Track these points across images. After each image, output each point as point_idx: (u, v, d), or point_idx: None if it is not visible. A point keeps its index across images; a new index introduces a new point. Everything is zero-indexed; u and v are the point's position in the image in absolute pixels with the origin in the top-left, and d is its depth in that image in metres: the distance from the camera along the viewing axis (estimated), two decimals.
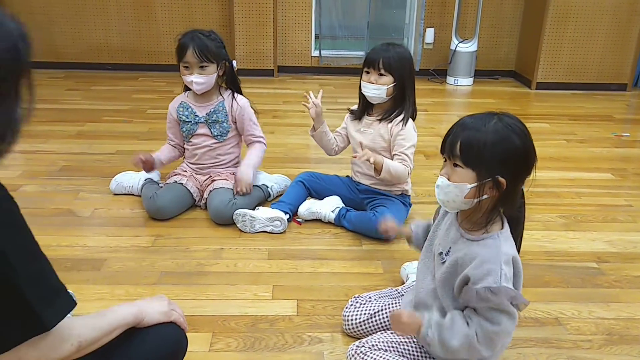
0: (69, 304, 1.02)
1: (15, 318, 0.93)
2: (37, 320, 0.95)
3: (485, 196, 1.31)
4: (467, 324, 1.33)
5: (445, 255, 1.40)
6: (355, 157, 2.22)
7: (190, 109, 2.50)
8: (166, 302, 1.32)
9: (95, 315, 1.15)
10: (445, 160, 1.35)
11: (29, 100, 0.91)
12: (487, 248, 1.31)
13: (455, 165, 1.32)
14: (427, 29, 5.32)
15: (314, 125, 2.39)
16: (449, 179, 1.33)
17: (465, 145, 1.29)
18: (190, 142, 2.54)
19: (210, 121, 2.48)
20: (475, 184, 1.29)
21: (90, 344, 1.08)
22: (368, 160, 2.12)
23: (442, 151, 1.35)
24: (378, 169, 2.18)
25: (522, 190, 1.37)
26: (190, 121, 2.50)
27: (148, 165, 2.45)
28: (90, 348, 1.08)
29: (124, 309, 1.21)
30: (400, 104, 2.28)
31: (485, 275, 1.28)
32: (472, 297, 1.29)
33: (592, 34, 4.94)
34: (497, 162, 1.27)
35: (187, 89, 2.52)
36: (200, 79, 2.36)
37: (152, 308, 1.27)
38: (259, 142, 2.55)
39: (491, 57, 5.44)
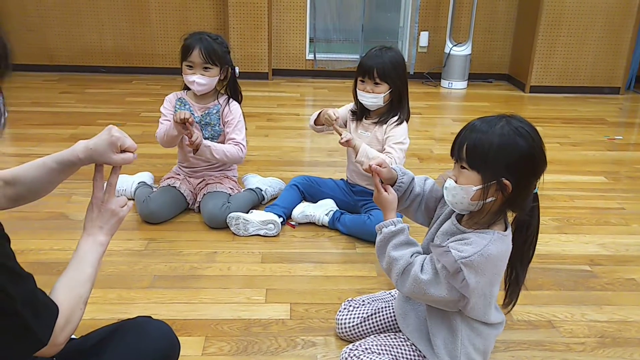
0: (54, 311, 1.01)
1: (18, 339, 0.94)
2: (36, 338, 0.96)
3: (490, 199, 1.31)
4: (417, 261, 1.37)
5: None
6: (340, 142, 2.20)
7: (187, 106, 2.49)
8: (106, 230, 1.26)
9: (72, 279, 1.15)
10: (455, 163, 1.37)
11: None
12: (479, 237, 1.33)
13: (462, 167, 1.33)
14: (422, 33, 5.34)
15: (324, 124, 2.37)
16: (456, 181, 1.34)
17: (470, 148, 1.30)
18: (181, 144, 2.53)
19: (203, 123, 2.47)
20: (480, 186, 1.31)
21: (83, 305, 1.10)
22: (348, 141, 2.15)
23: (452, 154, 1.37)
24: (356, 152, 2.19)
25: (536, 194, 1.36)
26: None
27: (189, 125, 2.26)
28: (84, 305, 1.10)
29: (89, 252, 1.23)
30: (397, 106, 2.30)
31: (459, 248, 1.30)
32: (433, 245, 1.35)
33: (585, 37, 4.97)
34: (501, 165, 1.28)
35: (186, 88, 2.51)
36: (202, 79, 2.36)
37: (109, 228, 1.26)
38: (237, 145, 2.44)
39: (485, 61, 5.46)
